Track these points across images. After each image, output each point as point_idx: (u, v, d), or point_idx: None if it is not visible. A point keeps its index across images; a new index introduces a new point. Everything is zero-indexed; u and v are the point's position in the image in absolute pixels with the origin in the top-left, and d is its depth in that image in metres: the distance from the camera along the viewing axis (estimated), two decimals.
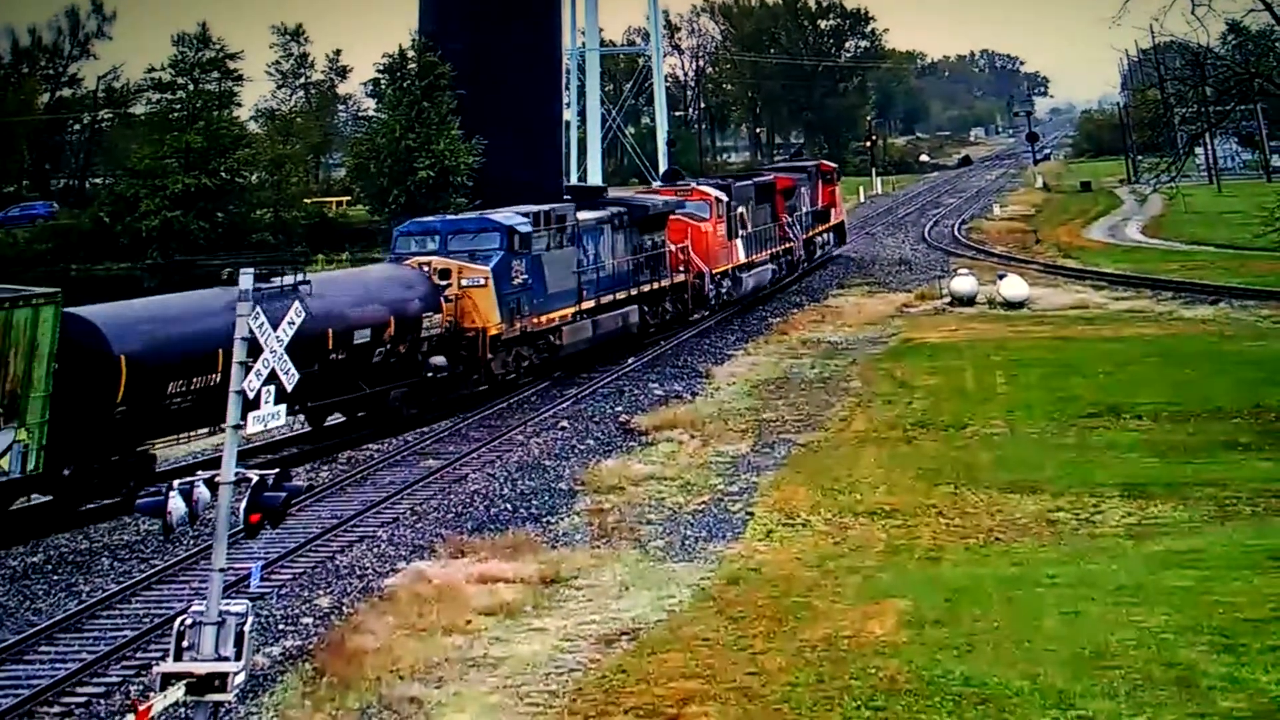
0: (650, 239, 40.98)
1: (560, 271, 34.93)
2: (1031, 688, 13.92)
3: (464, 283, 31.63)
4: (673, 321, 43.24)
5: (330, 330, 27.26)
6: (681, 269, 42.76)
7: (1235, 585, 16.58)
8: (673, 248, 42.28)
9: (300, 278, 27.31)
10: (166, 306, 26.12)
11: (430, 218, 37.31)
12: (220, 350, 23.19)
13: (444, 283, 31.39)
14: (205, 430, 25.94)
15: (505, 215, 34.51)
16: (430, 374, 30.39)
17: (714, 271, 44.48)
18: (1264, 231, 36.33)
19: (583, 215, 37.23)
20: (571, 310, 35.46)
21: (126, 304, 26.26)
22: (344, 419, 30.80)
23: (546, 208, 36.12)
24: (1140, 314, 42.47)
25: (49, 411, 22.15)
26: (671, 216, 42.70)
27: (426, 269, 31.59)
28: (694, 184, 49.09)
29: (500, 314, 31.91)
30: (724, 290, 45.81)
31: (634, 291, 39.36)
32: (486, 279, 31.73)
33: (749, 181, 52.30)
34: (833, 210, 65.41)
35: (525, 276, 33.08)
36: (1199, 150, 74.59)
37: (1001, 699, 13.74)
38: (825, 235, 63.62)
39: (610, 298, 37.83)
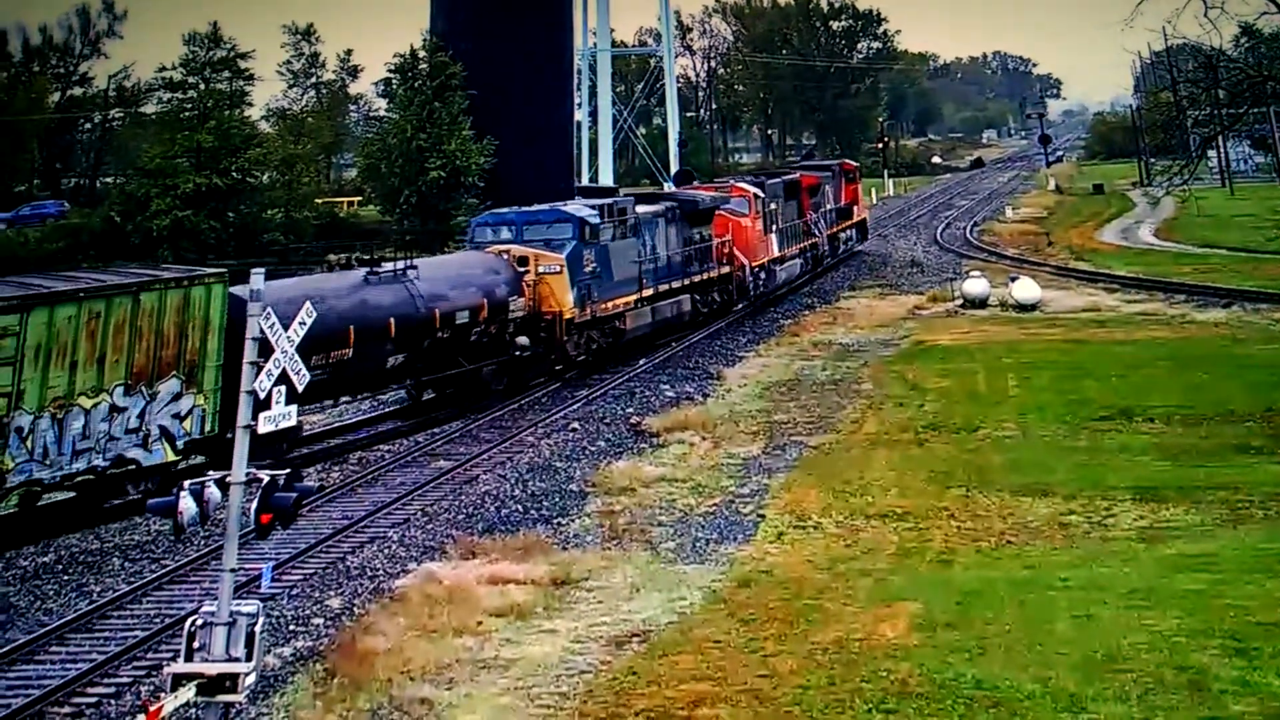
0: (699, 232, 43.04)
1: (623, 261, 37.18)
2: (1043, 691, 13.92)
3: (541, 270, 33.95)
4: (718, 311, 45.33)
5: (437, 312, 30.23)
6: (725, 262, 45.04)
7: (1247, 589, 16.55)
8: (718, 241, 44.44)
9: (407, 264, 30.81)
10: (303, 287, 28.22)
11: (505, 209, 39.14)
12: (350, 327, 27.50)
13: (522, 269, 33.73)
14: (344, 399, 30.19)
15: (576, 207, 36.95)
16: (517, 352, 33.10)
17: (753, 264, 46.67)
18: (1277, 234, 36.24)
19: (641, 209, 39.49)
20: (634, 298, 37.76)
21: (276, 284, 27.83)
22: (435, 395, 33.32)
23: (610, 201, 38.56)
24: (1153, 317, 42.31)
25: (221, 379, 24.87)
26: (717, 212, 44.72)
27: (506, 256, 33.87)
28: (733, 181, 52.04)
29: (573, 299, 34.29)
30: (761, 282, 47.82)
31: (685, 281, 41.55)
32: (561, 266, 34.06)
33: (779, 180, 53.90)
34: (855, 208, 67.41)
35: (594, 265, 35.36)
36: (1211, 153, 74.46)
37: (1013, 702, 13.73)
38: (848, 231, 65.46)
39: (666, 286, 39.97)
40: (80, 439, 22.64)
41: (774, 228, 49.84)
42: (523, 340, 33.09)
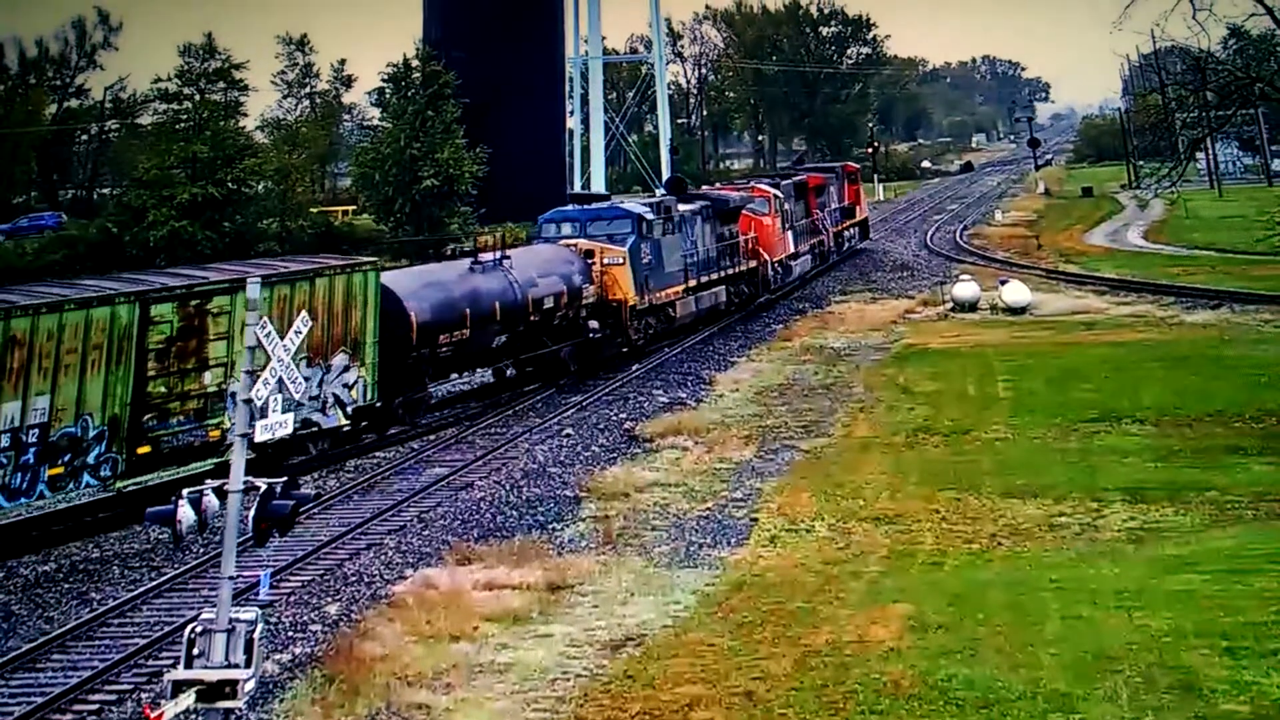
0: (728, 230, 46.26)
1: (672, 255, 40.74)
2: (1034, 691, 14.05)
3: (606, 261, 37.41)
4: (745, 302, 48.40)
5: (530, 297, 33.71)
6: (751, 257, 48.24)
7: (1236, 589, 16.67)
8: (744, 238, 47.66)
9: (502, 254, 34.24)
10: (427, 276, 32.48)
11: (568, 207, 42.58)
12: (467, 311, 31.25)
13: (589, 261, 37.09)
14: (460, 375, 34.40)
15: (633, 205, 41.12)
16: (591, 335, 36.68)
17: (773, 260, 50.18)
18: (1265, 236, 36.40)
19: (683, 207, 42.77)
20: (681, 288, 41.36)
21: (403, 272, 32.73)
22: (516, 374, 36.53)
23: (658, 199, 43.26)
24: (1142, 319, 42.48)
25: (377, 354, 28.73)
26: (742, 211, 47.74)
27: (573, 249, 37.15)
28: (753, 183, 55.33)
29: (634, 288, 37.91)
30: (778, 275, 51.24)
31: (720, 275, 44.82)
32: (624, 259, 37.66)
33: (791, 181, 56.84)
34: (857, 207, 70.52)
35: (650, 258, 38.95)
36: (1200, 155, 74.61)
37: (1005, 703, 13.86)
38: (851, 230, 68.63)
39: (706, 278, 43.39)
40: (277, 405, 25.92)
41: (789, 226, 53.18)
42: (594, 324, 36.70)
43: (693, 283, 42.12)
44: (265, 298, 25.18)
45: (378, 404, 29.24)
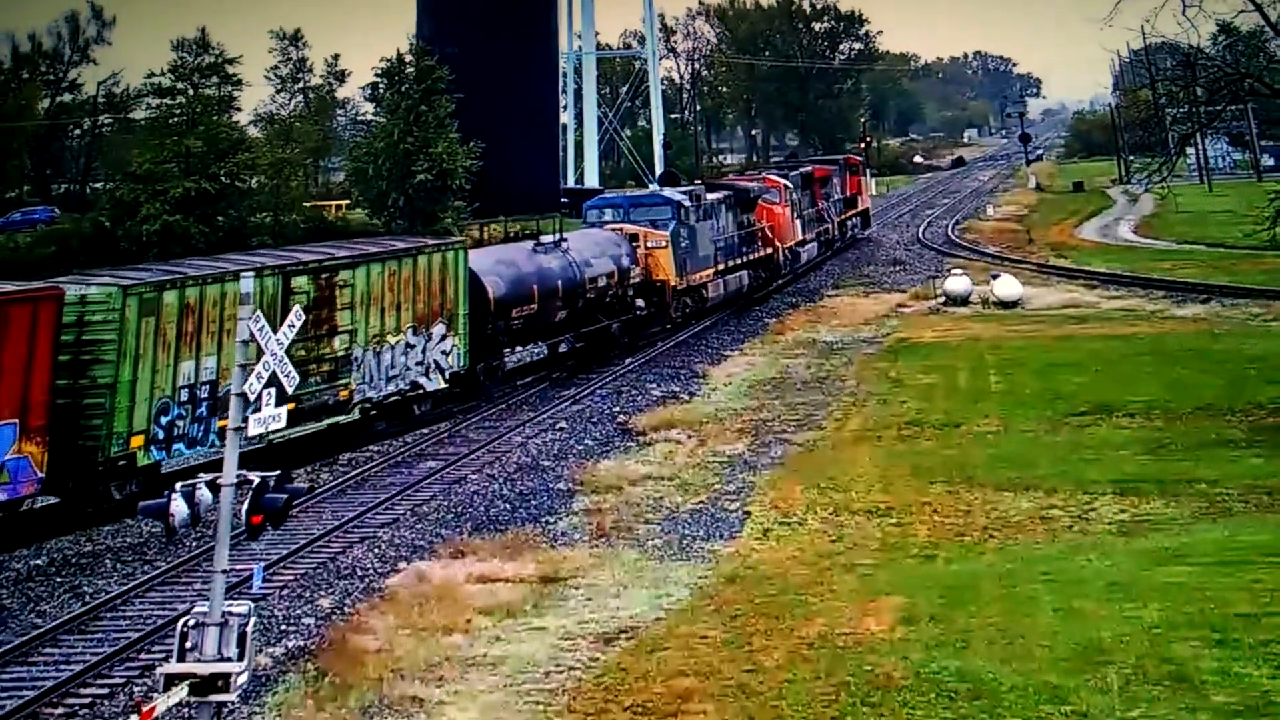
0: (748, 218, 48.99)
1: (705, 240, 43.48)
2: (1026, 683, 14.06)
3: (649, 245, 40.24)
4: (761, 285, 50.73)
5: (586, 276, 36.43)
6: (766, 244, 50.73)
7: (1227, 581, 16.71)
8: (760, 226, 50.24)
9: (560, 236, 37.21)
10: (499, 254, 35.14)
11: (611, 194, 47.67)
12: (534, 287, 34.10)
13: (634, 244, 39.76)
14: (527, 346, 37.21)
15: (671, 192, 44.20)
16: (639, 312, 39.44)
17: (784, 246, 52.93)
18: (1254, 231, 36.49)
19: (710, 196, 45.68)
20: (712, 271, 44.16)
21: (478, 251, 34.94)
22: (567, 350, 38.78)
23: (691, 187, 46.29)
24: (1132, 313, 42.59)
25: (468, 325, 31.72)
26: (758, 201, 50.52)
27: (620, 233, 39.86)
28: (765, 174, 59.00)
29: (675, 269, 40.65)
30: (789, 262, 54.25)
31: (742, 260, 47.58)
32: (667, 242, 40.50)
33: (798, 172, 59.86)
34: (859, 198, 73.63)
35: (687, 242, 41.82)
36: (1190, 150, 74.72)
37: (996, 694, 13.89)
38: (854, 219, 71.92)
39: (731, 263, 46.11)
40: (391, 369, 29.40)
41: (798, 215, 56.03)
42: (640, 302, 39.54)
43: (720, 266, 44.80)
44: (379, 272, 29.18)
45: (468, 370, 32.19)
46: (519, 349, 37.12)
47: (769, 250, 50.69)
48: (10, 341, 21.67)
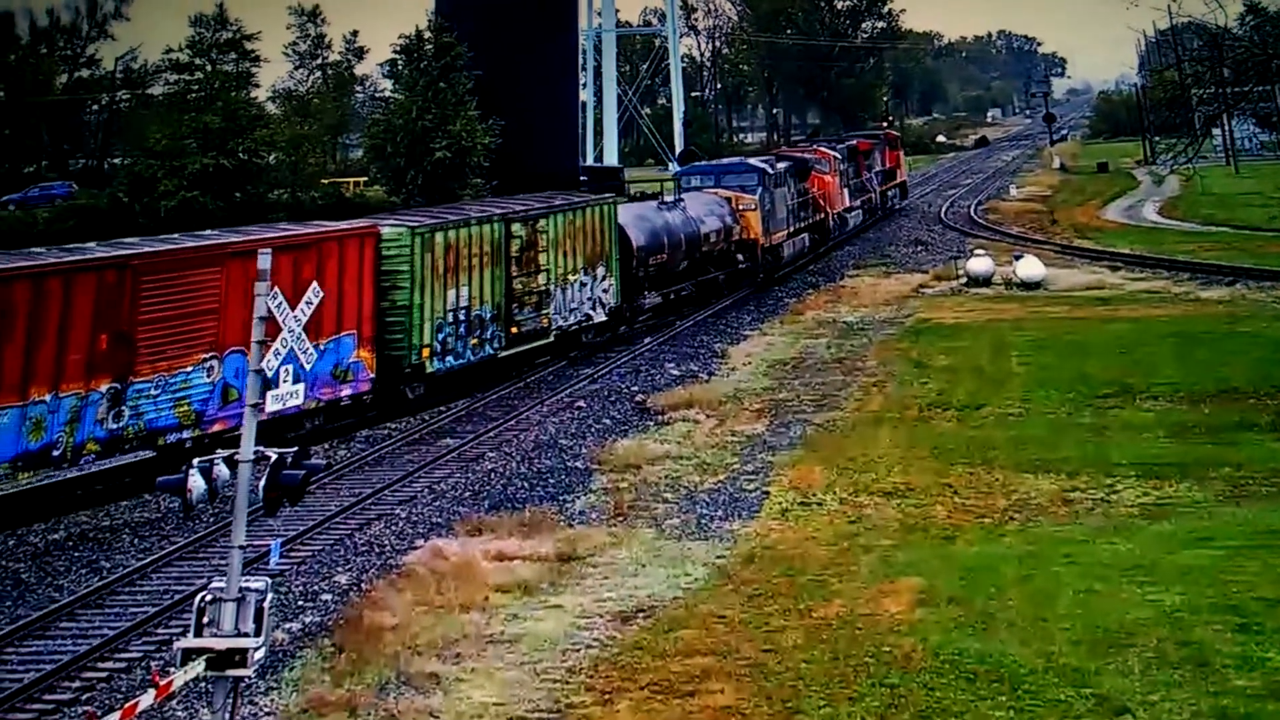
0: (804, 186, 53.63)
1: (780, 205, 48.82)
2: (1046, 665, 14.03)
3: (741, 207, 45.46)
4: (816, 246, 55.87)
5: (701, 231, 42.24)
6: (819, 210, 55.82)
7: (1250, 565, 16.65)
8: (815, 194, 55.16)
9: (678, 197, 43.84)
10: (636, 210, 41.62)
11: (701, 163, 54.65)
12: (665, 239, 39.90)
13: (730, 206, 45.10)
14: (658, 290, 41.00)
15: (756, 161, 50.80)
16: (739, 265, 45.42)
17: (835, 213, 58.51)
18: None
19: (779, 165, 50.81)
20: (785, 233, 49.50)
21: (619, 208, 39.82)
22: (673, 297, 42.39)
23: (769, 158, 52.88)
24: (1157, 295, 42.30)
25: (619, 269, 37.30)
26: (812, 170, 55.47)
27: (718, 196, 45.12)
28: (816, 145, 64.87)
29: (762, 229, 46.03)
30: (837, 226, 59.60)
31: (804, 224, 53.02)
32: (756, 205, 45.80)
33: (844, 145, 65.10)
34: (898, 171, 79.32)
35: (769, 206, 47.06)
36: (1216, 131, 74.07)
37: (1017, 677, 13.84)
38: (893, 190, 77.48)
39: (796, 226, 51.37)
40: (572, 303, 35.22)
41: (845, 184, 61.32)
42: (740, 257, 45.35)
43: (790, 229, 50.22)
44: (561, 221, 34.65)
45: (620, 306, 37.76)
46: (649, 293, 40.59)
47: (821, 215, 55.83)
48: (349, 268, 27.45)
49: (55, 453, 21.98)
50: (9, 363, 21.39)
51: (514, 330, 32.47)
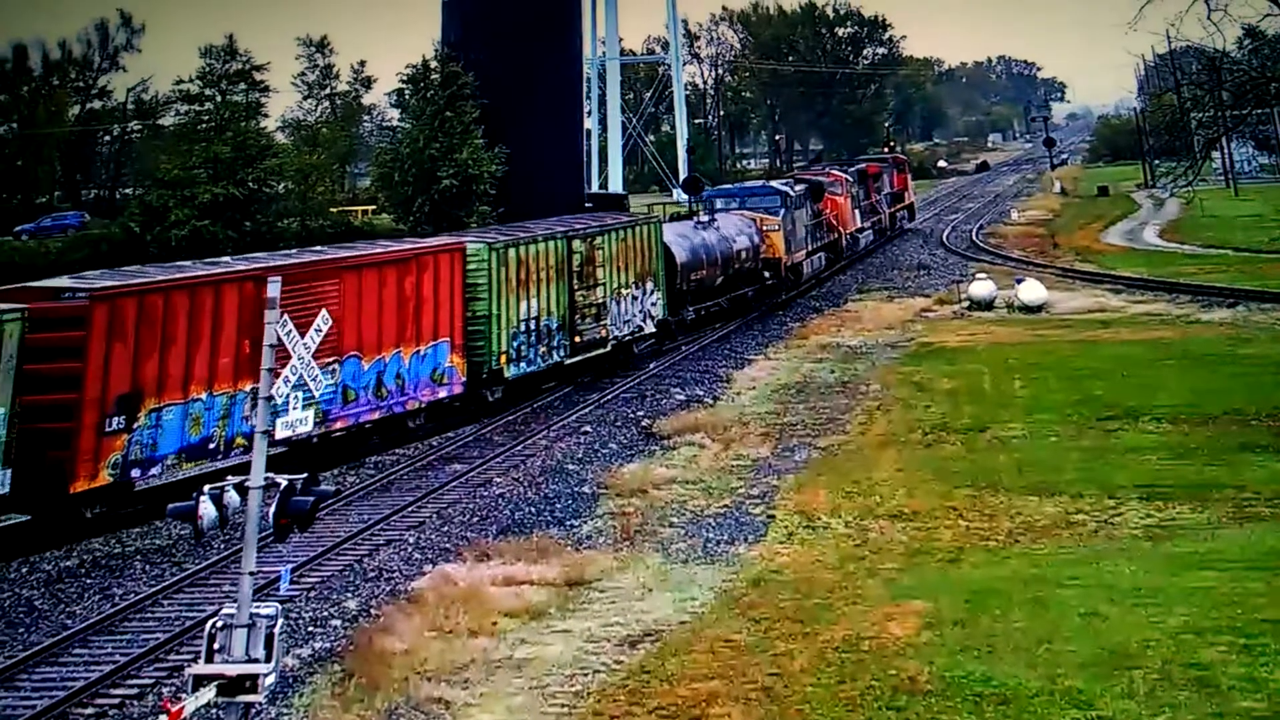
0: (819, 207, 56.85)
1: (799, 226, 52.17)
2: (1051, 688, 14.07)
3: (765, 228, 48.60)
4: (830, 264, 58.83)
5: (734, 250, 45.51)
6: (833, 231, 58.91)
7: (1254, 586, 16.68)
8: (828, 215, 58.24)
9: (711, 217, 47.05)
10: (676, 229, 44.43)
11: (728, 186, 59.94)
12: (703, 256, 43.22)
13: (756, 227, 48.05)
14: (700, 304, 44.10)
15: (779, 184, 54.17)
16: (765, 281, 48.58)
17: (847, 233, 61.62)
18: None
19: (797, 188, 53.69)
20: (804, 252, 52.99)
21: (665, 226, 42.99)
22: (712, 310, 45.54)
23: (789, 181, 56.64)
24: (1158, 317, 42.37)
25: (665, 284, 40.00)
26: (825, 192, 58.18)
27: (744, 217, 47.98)
28: (827, 168, 69.00)
29: (785, 248, 49.42)
30: (849, 246, 62.60)
31: (820, 243, 56.41)
32: (779, 225, 49.22)
33: (855, 168, 68.80)
34: (905, 193, 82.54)
35: (790, 226, 50.33)
36: (1215, 154, 74.27)
37: (1022, 699, 13.89)
38: (901, 212, 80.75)
39: (813, 245, 54.61)
40: (625, 315, 37.77)
41: (856, 206, 64.66)
42: (766, 274, 48.42)
43: (808, 248, 53.44)
44: (612, 240, 37.03)
45: (667, 319, 40.36)
46: (689, 307, 43.00)
47: (835, 236, 58.96)
48: (442, 280, 30.19)
49: (211, 445, 24.36)
50: (172, 365, 23.68)
51: (577, 339, 35.16)
